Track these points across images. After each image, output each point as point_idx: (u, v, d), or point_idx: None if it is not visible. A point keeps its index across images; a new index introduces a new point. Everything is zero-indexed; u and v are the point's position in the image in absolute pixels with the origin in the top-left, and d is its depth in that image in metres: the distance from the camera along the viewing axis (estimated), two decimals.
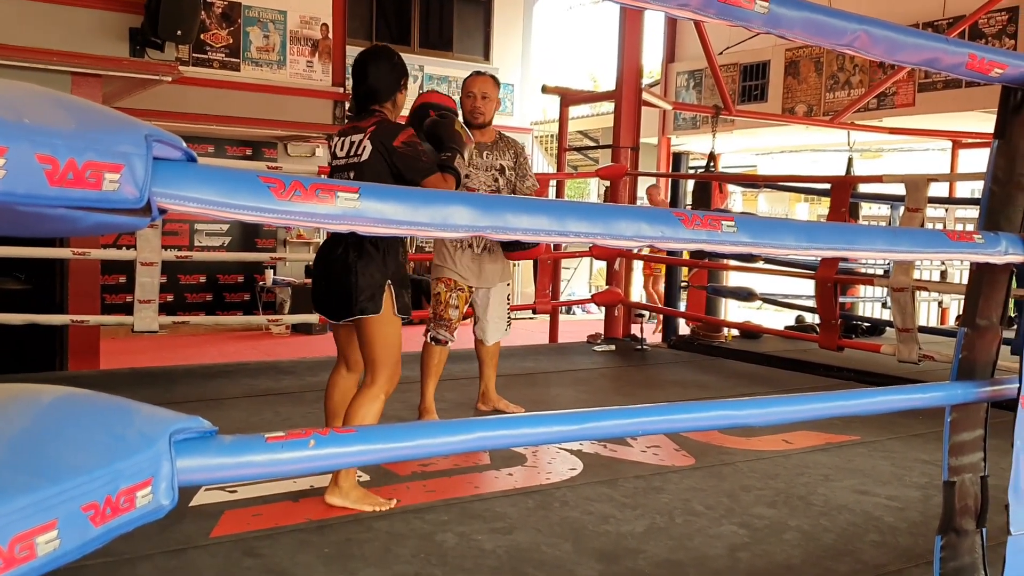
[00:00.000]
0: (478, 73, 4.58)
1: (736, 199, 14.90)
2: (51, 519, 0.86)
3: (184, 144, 1.01)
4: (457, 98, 4.32)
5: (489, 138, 4.48)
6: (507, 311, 4.65)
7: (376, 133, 3.21)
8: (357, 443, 1.17)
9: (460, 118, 3.84)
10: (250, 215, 1.05)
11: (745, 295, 7.29)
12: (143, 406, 1.05)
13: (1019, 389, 1.91)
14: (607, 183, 7.40)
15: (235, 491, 3.20)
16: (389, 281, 3.18)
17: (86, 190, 0.88)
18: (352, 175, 3.24)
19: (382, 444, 1.19)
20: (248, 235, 12.56)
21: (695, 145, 13.88)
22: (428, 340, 4.39)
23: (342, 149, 3.34)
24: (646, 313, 8.06)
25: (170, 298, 11.47)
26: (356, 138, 3.27)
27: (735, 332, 7.84)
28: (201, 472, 1.07)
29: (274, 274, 12.45)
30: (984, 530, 2.22)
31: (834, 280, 5.93)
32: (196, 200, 1.01)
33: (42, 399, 0.99)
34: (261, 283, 12.45)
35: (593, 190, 19.53)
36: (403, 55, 3.50)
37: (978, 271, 2.03)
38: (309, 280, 12.13)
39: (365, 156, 3.22)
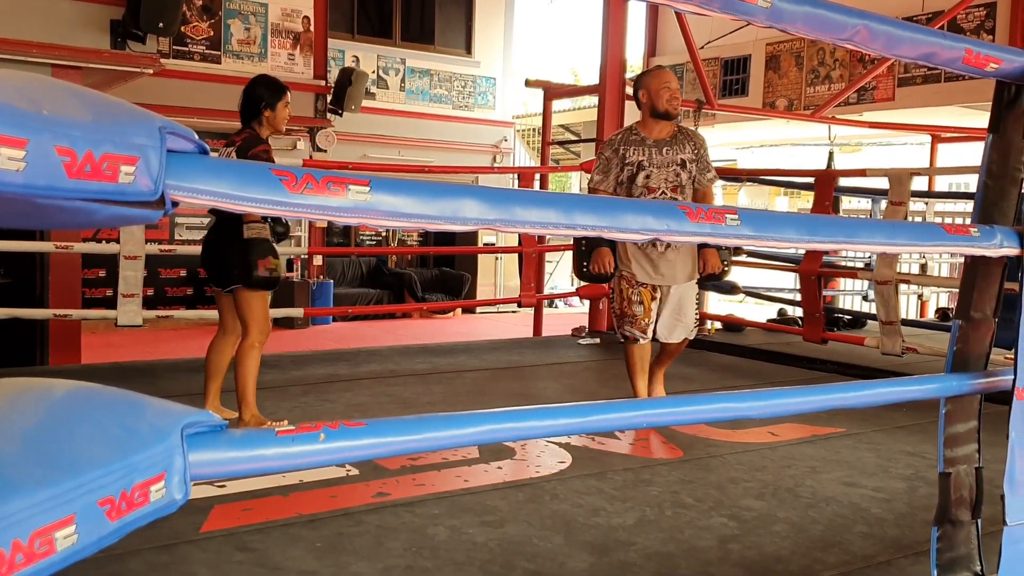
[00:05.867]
0: (661, 68, 4.65)
1: (717, 193, 14.94)
2: (69, 513, 0.85)
3: (196, 137, 1.00)
4: None
5: (668, 133, 4.39)
6: (694, 311, 4.48)
7: (241, 148, 3.99)
8: (366, 436, 1.16)
9: None
10: (262, 208, 1.04)
11: (728, 288, 7.32)
12: (154, 400, 1.05)
13: (1014, 381, 1.93)
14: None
15: (224, 486, 3.18)
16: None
17: (103, 182, 0.87)
18: None
19: (391, 437, 1.18)
20: None
21: None
22: (621, 340, 4.43)
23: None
24: None
25: (150, 292, 11.38)
26: (229, 150, 4.08)
27: (718, 325, 7.87)
28: (212, 466, 1.06)
29: None
30: (979, 521, 2.24)
31: (818, 273, 5.96)
32: (208, 192, 1.01)
33: (54, 392, 0.98)
34: None
35: (575, 184, 19.58)
36: (385, 48, 3.72)
37: (972, 264, 2.04)
38: (291, 274, 12.15)
39: None
